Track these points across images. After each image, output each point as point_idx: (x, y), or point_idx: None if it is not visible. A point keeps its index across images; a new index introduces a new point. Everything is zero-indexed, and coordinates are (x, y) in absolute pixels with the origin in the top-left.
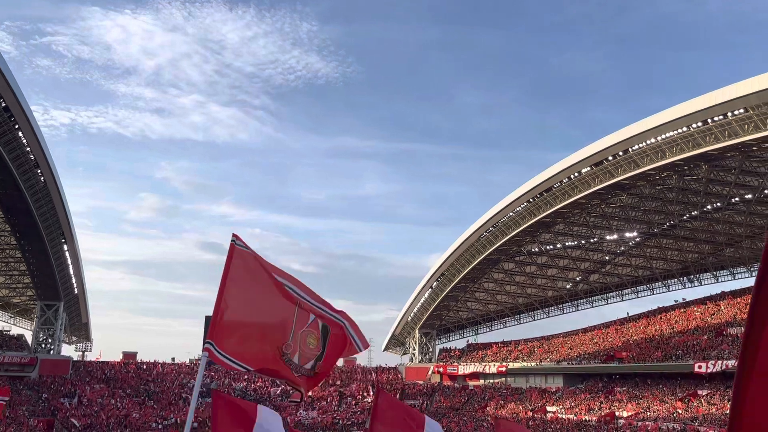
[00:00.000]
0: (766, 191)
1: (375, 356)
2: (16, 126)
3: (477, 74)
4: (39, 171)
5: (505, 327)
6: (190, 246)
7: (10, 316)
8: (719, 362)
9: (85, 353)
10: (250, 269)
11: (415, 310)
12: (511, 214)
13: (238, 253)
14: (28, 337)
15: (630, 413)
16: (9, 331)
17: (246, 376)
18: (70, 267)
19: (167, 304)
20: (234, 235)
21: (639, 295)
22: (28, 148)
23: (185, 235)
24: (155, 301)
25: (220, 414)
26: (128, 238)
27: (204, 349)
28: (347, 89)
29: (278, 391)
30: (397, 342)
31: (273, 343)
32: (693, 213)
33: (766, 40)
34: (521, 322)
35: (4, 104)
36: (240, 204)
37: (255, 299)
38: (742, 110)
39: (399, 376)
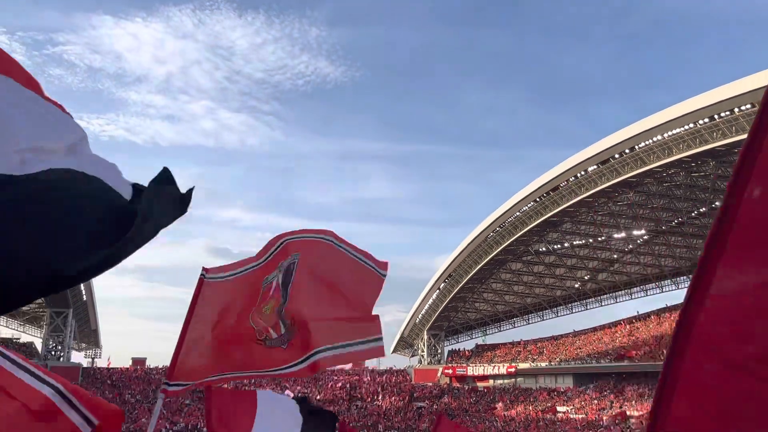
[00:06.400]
0: None
1: (383, 359)
2: None
3: (482, 74)
4: None
5: (514, 327)
6: (199, 251)
7: (20, 324)
8: None
9: (95, 360)
10: (218, 294)
11: (423, 311)
12: (517, 213)
13: (207, 285)
14: (38, 344)
15: (641, 412)
16: (19, 339)
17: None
18: None
19: (177, 309)
20: (204, 269)
21: (648, 294)
22: None
23: (195, 240)
24: (165, 306)
25: (215, 412)
26: None
27: (161, 391)
28: (355, 92)
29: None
30: (405, 344)
31: (246, 339)
32: (701, 210)
33: None
34: (530, 322)
35: None
36: (249, 208)
37: (221, 319)
38: (749, 105)
39: (408, 378)
